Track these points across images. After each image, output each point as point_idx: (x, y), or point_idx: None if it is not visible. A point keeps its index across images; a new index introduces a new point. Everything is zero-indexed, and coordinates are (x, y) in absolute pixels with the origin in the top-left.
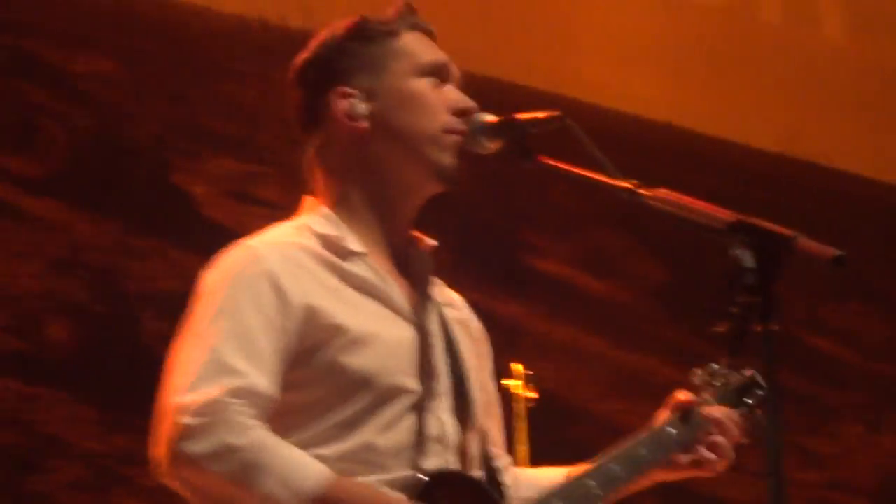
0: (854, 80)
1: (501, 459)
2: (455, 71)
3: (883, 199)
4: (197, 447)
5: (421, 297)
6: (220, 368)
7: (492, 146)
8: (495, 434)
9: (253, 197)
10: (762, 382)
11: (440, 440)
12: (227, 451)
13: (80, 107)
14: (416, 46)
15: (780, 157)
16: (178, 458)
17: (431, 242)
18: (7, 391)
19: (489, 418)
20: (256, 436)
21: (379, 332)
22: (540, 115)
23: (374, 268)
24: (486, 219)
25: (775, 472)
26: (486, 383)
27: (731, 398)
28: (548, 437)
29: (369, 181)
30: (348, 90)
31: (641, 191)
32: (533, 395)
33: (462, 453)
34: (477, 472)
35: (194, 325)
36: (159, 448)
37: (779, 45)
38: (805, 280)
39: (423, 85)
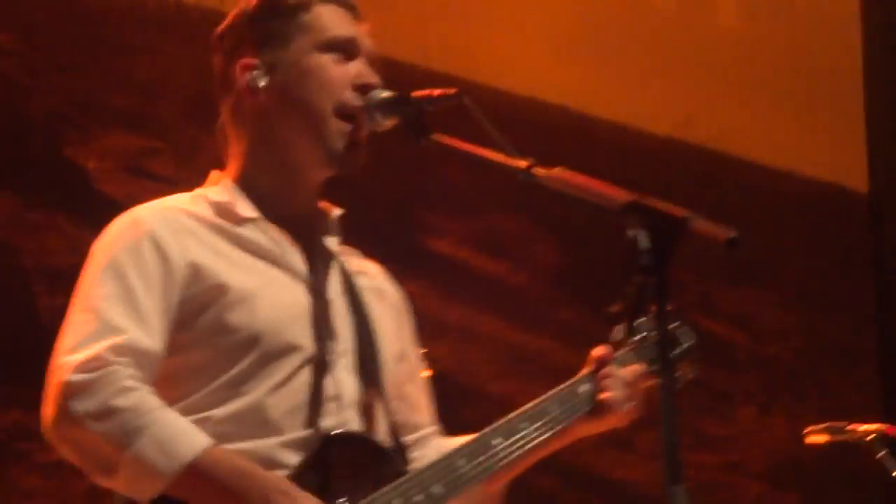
0: (747, 65)
1: (419, 427)
2: (366, 46)
3: (775, 184)
4: (81, 406)
5: (322, 263)
6: (103, 328)
7: (387, 123)
8: (419, 400)
9: (147, 172)
10: (688, 333)
11: (337, 399)
12: (109, 412)
13: None
14: (324, 21)
15: (674, 141)
16: (63, 415)
17: (336, 211)
18: None
19: (411, 384)
20: (139, 398)
21: (268, 291)
22: (435, 91)
23: (268, 233)
24: (382, 197)
25: (671, 453)
26: (406, 351)
27: (652, 352)
28: (443, 417)
29: (268, 153)
30: (251, 62)
31: (537, 170)
32: (427, 373)
33: (365, 414)
34: (381, 434)
35: (80, 290)
36: (47, 407)
37: (673, 28)
38: (698, 264)
39: (323, 60)
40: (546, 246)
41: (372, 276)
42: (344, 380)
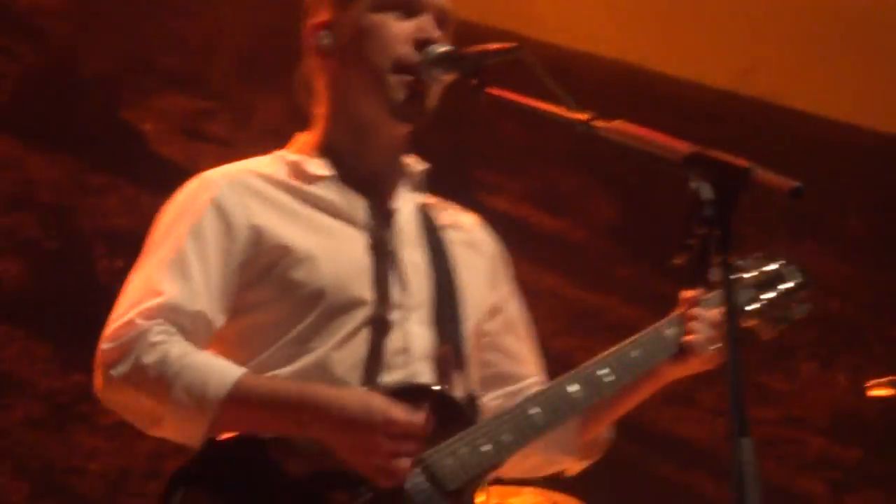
0: (806, 17)
1: (522, 377)
2: (433, 2)
3: (835, 137)
4: (115, 371)
5: (399, 218)
6: (144, 293)
7: (446, 77)
8: (520, 350)
9: (203, 134)
10: (795, 272)
11: (405, 352)
12: (140, 370)
13: (27, 42)
14: None
15: (733, 94)
16: (105, 383)
17: (420, 167)
18: None
19: (510, 336)
20: (164, 350)
21: (332, 247)
22: (494, 46)
23: (340, 189)
24: (440, 154)
25: (737, 405)
26: (503, 303)
27: (746, 294)
28: None
29: (341, 111)
30: (318, 23)
31: (597, 123)
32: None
33: (439, 367)
34: (455, 386)
35: (141, 255)
36: (94, 374)
37: None
38: (759, 217)
39: (382, 18)
40: (604, 202)
41: (465, 229)
42: (415, 332)
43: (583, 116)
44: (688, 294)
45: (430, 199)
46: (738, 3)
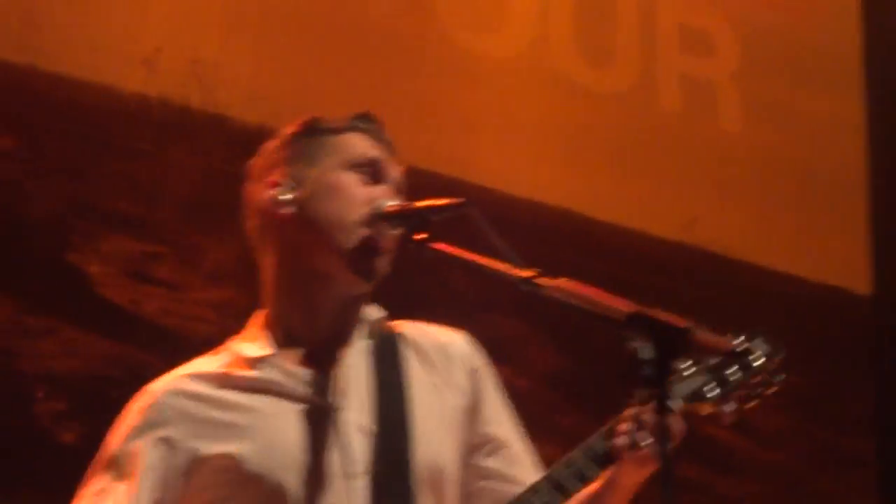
0: (750, 169)
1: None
2: (393, 173)
3: (778, 287)
4: None
5: (349, 376)
6: None
7: (394, 233)
8: (511, 472)
9: (149, 276)
10: (761, 343)
11: None
12: None
13: None
14: (352, 143)
15: (678, 245)
16: None
17: (377, 314)
18: None
19: (494, 459)
20: None
21: (269, 434)
22: (440, 202)
23: (281, 365)
24: (384, 302)
25: None
26: (491, 428)
27: (709, 375)
28: None
29: (292, 267)
30: (277, 179)
31: (540, 281)
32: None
33: None
34: None
35: (86, 475)
36: None
37: (677, 133)
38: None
39: (348, 178)
40: (546, 351)
41: (434, 363)
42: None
43: (527, 274)
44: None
45: (400, 327)
46: (683, 153)
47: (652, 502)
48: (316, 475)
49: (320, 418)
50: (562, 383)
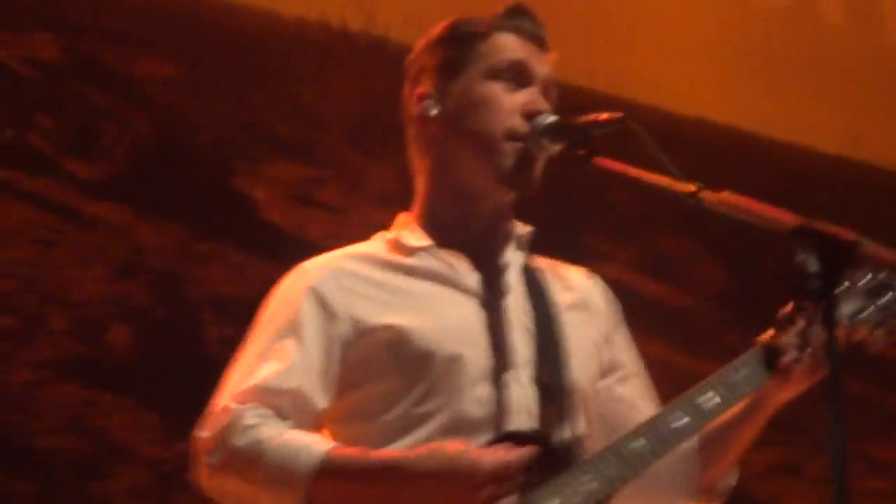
0: None
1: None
2: (542, 72)
3: None
4: (211, 460)
5: (504, 281)
6: (240, 380)
7: (554, 147)
8: (634, 400)
9: (314, 200)
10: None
11: (513, 410)
12: (233, 456)
13: (140, 110)
14: (497, 48)
15: (844, 160)
16: (203, 474)
17: (525, 230)
18: (70, 396)
19: (623, 386)
20: (255, 433)
21: (437, 314)
22: (602, 116)
23: (441, 257)
24: (548, 222)
25: (839, 479)
26: (617, 359)
27: (860, 301)
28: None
29: (444, 181)
30: (424, 91)
31: (704, 195)
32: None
33: (544, 426)
34: (560, 432)
35: (241, 349)
36: (194, 468)
37: (841, 46)
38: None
39: (492, 88)
40: (712, 269)
41: (573, 288)
42: (520, 394)
43: (690, 188)
44: (784, 310)
45: (537, 261)
46: (847, 67)
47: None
48: (486, 355)
49: (488, 310)
50: (728, 300)
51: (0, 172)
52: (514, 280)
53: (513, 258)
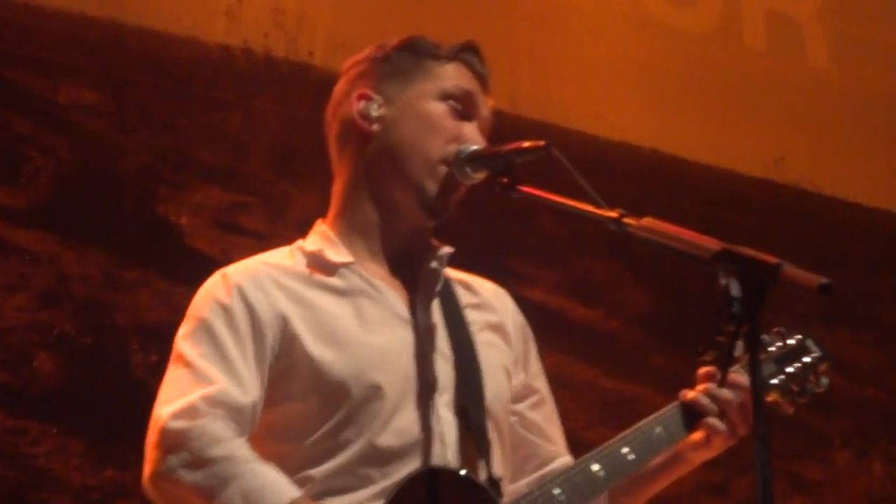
0: (838, 105)
1: (554, 457)
2: (483, 111)
3: (868, 223)
4: (175, 458)
5: (424, 300)
6: (196, 381)
7: (477, 176)
8: (548, 430)
9: (238, 226)
10: (814, 346)
11: (439, 437)
12: (202, 462)
13: (65, 137)
14: (451, 74)
15: (767, 182)
16: (160, 469)
17: (445, 250)
18: None
19: (537, 413)
20: (231, 448)
21: (360, 339)
22: (525, 144)
23: (363, 275)
24: (473, 246)
25: (765, 498)
26: (530, 382)
27: (773, 366)
28: None
29: (367, 189)
30: (369, 93)
31: (627, 220)
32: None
33: (463, 451)
34: (478, 471)
35: (175, 350)
36: (146, 462)
37: (763, 71)
38: (791, 306)
39: (440, 109)
40: (638, 292)
41: (487, 306)
42: (444, 417)
43: (613, 214)
44: (704, 370)
45: (452, 274)
46: (769, 91)
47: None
48: (406, 382)
49: (409, 331)
50: (653, 323)
51: None
52: (433, 300)
53: (432, 277)
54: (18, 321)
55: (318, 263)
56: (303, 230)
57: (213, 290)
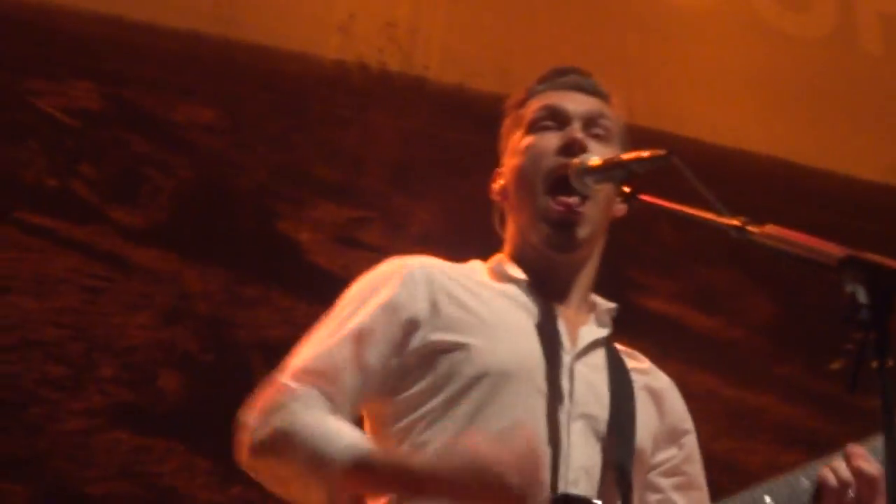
0: None
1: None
2: (577, 109)
3: None
4: (255, 435)
5: (582, 338)
6: (303, 357)
7: (599, 187)
8: (699, 480)
9: (357, 241)
10: None
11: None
12: (276, 436)
13: (182, 156)
14: (530, 106)
15: (886, 186)
16: (248, 445)
17: (607, 305)
18: (121, 443)
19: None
20: (301, 417)
21: (511, 340)
22: (644, 154)
23: (531, 293)
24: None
25: None
26: (681, 438)
27: None
28: None
29: (518, 238)
30: (498, 172)
31: (750, 228)
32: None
33: (599, 481)
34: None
35: (320, 322)
36: (238, 441)
37: (879, 74)
38: None
39: (528, 139)
40: (759, 299)
41: (651, 375)
42: (575, 442)
43: (735, 221)
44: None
45: (620, 345)
46: (886, 94)
47: None
48: (536, 397)
49: (557, 355)
50: (775, 331)
51: (45, 222)
52: (591, 342)
53: (593, 327)
54: (142, 340)
55: (495, 273)
56: (421, 243)
57: (379, 267)
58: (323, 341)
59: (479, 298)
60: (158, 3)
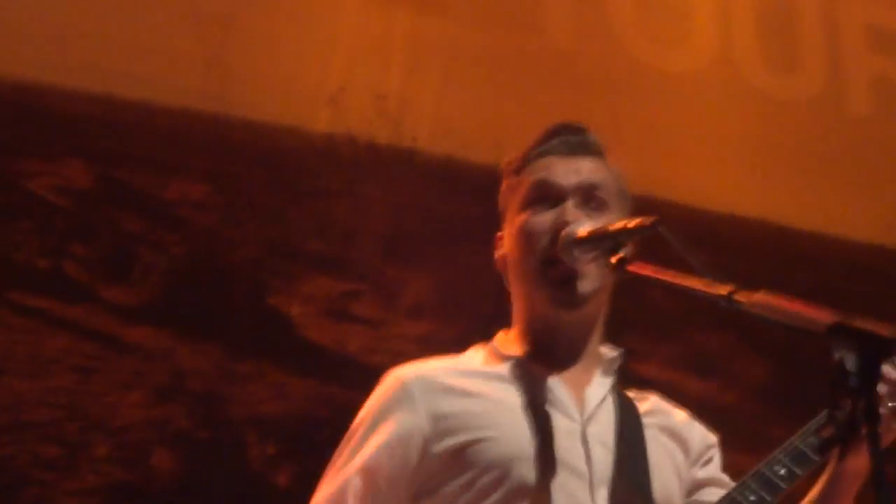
0: None
1: None
2: (569, 181)
3: None
4: None
5: (590, 400)
6: (324, 496)
7: (587, 258)
8: None
9: (350, 315)
10: None
11: None
12: None
13: (174, 233)
14: (523, 180)
15: (879, 247)
16: None
17: (612, 353)
18: None
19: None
20: None
21: (511, 429)
22: (630, 224)
23: (528, 368)
24: None
25: None
26: (710, 475)
27: None
28: None
29: (524, 312)
30: (500, 235)
31: (738, 297)
32: None
33: None
34: None
35: (336, 456)
36: None
37: (869, 135)
38: None
39: (522, 218)
40: (753, 364)
41: (665, 413)
42: None
43: (724, 290)
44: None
45: (633, 393)
46: (876, 155)
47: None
48: (559, 474)
49: (563, 424)
50: (771, 394)
51: (37, 302)
52: (598, 399)
53: (600, 380)
54: (135, 418)
55: (492, 356)
56: (415, 316)
57: (379, 394)
58: (350, 486)
59: (477, 390)
60: (148, 81)
